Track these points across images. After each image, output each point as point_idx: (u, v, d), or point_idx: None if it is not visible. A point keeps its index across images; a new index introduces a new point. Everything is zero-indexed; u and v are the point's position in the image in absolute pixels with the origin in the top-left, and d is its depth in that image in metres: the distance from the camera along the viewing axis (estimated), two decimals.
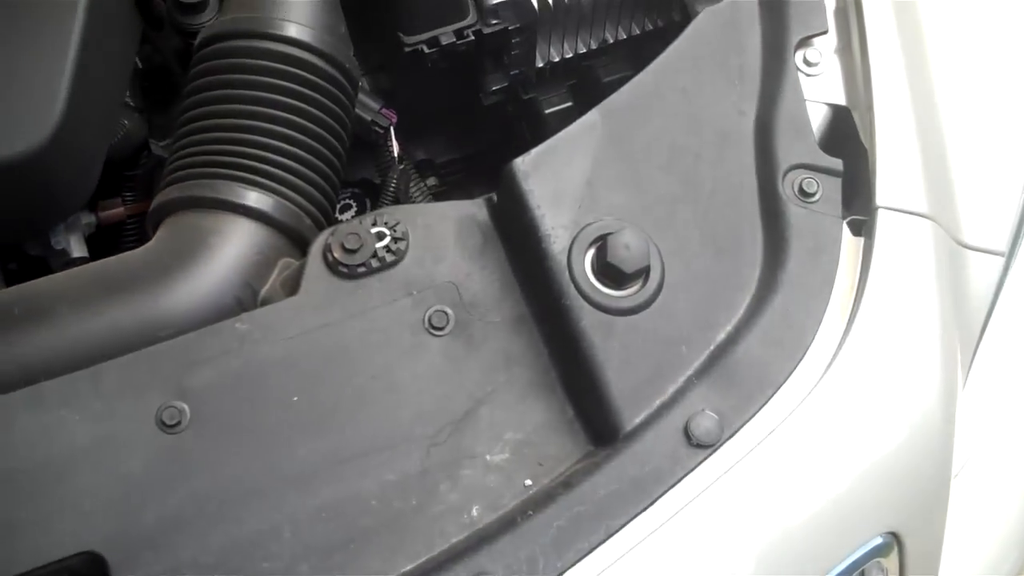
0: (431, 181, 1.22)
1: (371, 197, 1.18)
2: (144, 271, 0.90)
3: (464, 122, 1.26)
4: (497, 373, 0.85)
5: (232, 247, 0.91)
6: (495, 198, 0.90)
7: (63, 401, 0.82)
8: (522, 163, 0.88)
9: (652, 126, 0.92)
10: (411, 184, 1.14)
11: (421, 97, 1.18)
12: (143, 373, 0.83)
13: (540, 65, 1.13)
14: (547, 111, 1.17)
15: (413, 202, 1.13)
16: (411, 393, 0.84)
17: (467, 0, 1.08)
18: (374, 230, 0.88)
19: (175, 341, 0.84)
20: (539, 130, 1.18)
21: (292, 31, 0.97)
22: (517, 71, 1.15)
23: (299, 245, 0.95)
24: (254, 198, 0.92)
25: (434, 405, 0.84)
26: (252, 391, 0.83)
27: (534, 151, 0.89)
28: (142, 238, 1.15)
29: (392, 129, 1.12)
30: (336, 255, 0.87)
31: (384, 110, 1.11)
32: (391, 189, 1.12)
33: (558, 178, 0.88)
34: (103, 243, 1.09)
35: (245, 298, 0.89)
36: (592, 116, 0.91)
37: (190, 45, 1.05)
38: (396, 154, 1.13)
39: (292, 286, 0.89)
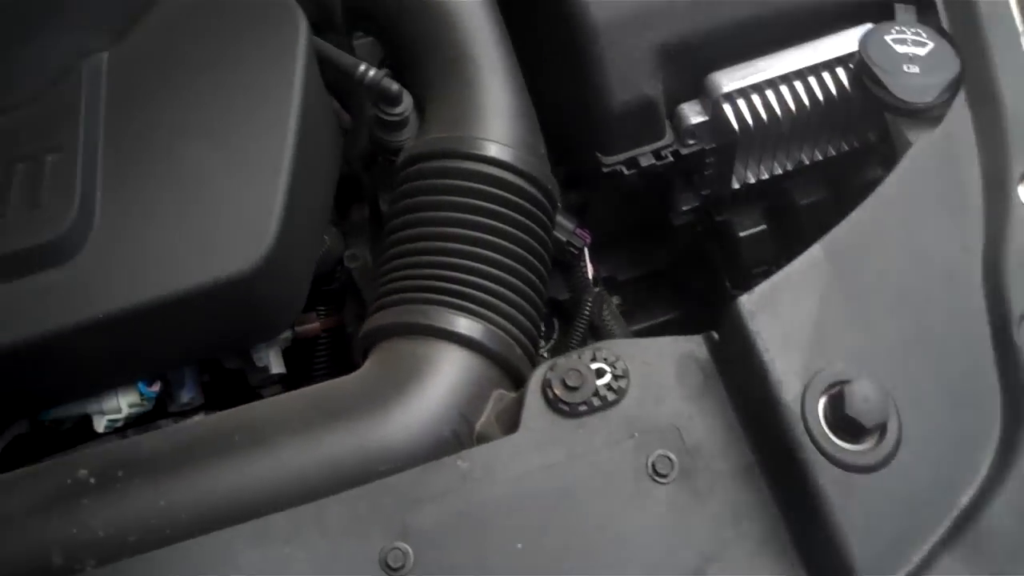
0: (615, 300, 1.21)
1: (559, 318, 1.17)
2: (361, 400, 0.89)
3: (650, 240, 1.25)
4: (725, 528, 0.83)
5: (448, 377, 0.90)
6: (716, 336, 0.88)
7: (288, 537, 0.81)
8: (747, 302, 0.86)
9: (877, 264, 0.90)
10: (604, 308, 1.13)
11: (610, 215, 1.18)
12: (367, 510, 0.82)
13: (736, 187, 1.11)
14: (741, 234, 1.15)
15: (606, 326, 1.11)
16: (638, 546, 0.81)
17: (664, 120, 1.07)
18: (594, 366, 0.86)
19: (397, 477, 0.83)
20: (731, 252, 1.17)
21: (494, 151, 0.97)
22: (709, 191, 1.14)
23: (510, 376, 0.94)
24: (467, 326, 0.92)
25: (662, 561, 0.81)
26: (475, 535, 0.82)
27: (758, 289, 0.87)
28: (333, 354, 1.17)
29: (586, 250, 1.11)
30: (557, 392, 0.85)
31: (579, 230, 1.11)
32: (586, 313, 1.10)
33: (785, 319, 0.86)
34: (295, 357, 1.09)
35: (462, 432, 0.88)
36: (815, 252, 0.89)
37: (385, 159, 1.05)
38: (591, 276, 1.12)
39: (509, 421, 0.88)
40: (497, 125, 0.99)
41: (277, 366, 1.02)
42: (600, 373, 0.86)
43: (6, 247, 0.88)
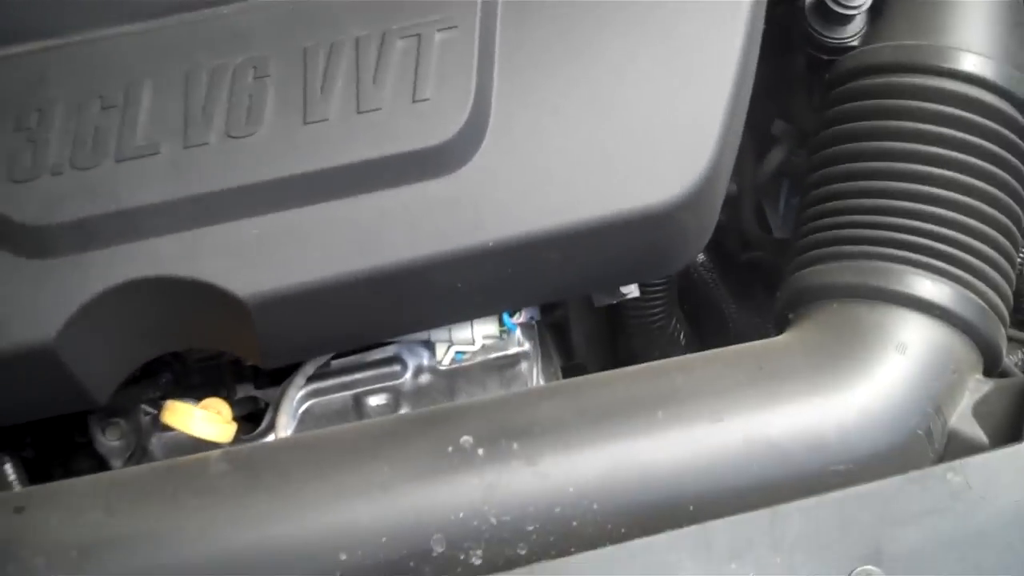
0: None
1: None
2: (810, 374, 0.75)
3: None
4: None
5: (917, 356, 0.75)
6: None
7: (735, 551, 0.69)
8: None
9: None
10: None
11: None
12: (831, 525, 0.69)
13: None
14: None
15: None
16: None
17: None
18: None
19: (869, 488, 0.70)
20: None
21: (976, 66, 0.80)
22: None
23: (988, 359, 0.79)
24: (949, 294, 0.77)
25: None
26: (968, 566, 0.69)
27: None
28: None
29: None
30: None
31: None
32: None
33: None
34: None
35: (935, 428, 0.74)
36: None
37: (820, 62, 0.88)
38: None
39: (995, 417, 0.73)
40: (979, 32, 0.82)
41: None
42: None
43: (380, 149, 0.74)
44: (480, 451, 0.73)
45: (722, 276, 1.16)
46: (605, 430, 0.73)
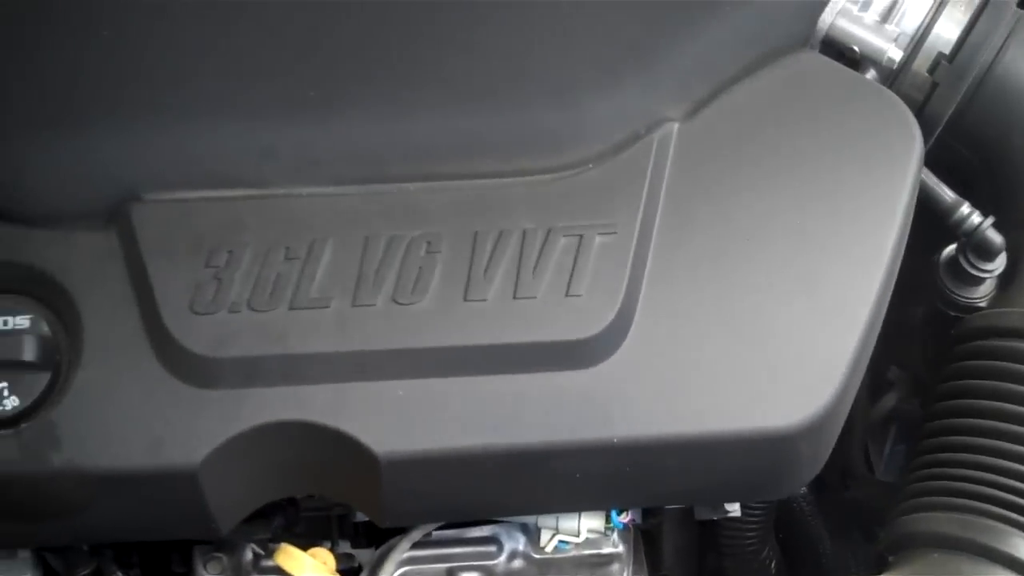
0: None
1: None
2: None
3: None
4: None
5: None
6: None
7: None
8: None
9: None
10: None
11: None
12: None
13: None
14: None
15: None
16: None
17: None
18: None
19: None
20: None
21: None
22: None
23: None
24: None
25: None
26: None
27: None
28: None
29: None
30: None
31: None
32: None
33: None
34: None
35: None
36: None
37: (945, 317, 0.92)
38: None
39: None
40: None
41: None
42: None
43: (529, 335, 0.79)
44: None
45: (820, 511, 1.17)
46: None
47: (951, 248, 0.94)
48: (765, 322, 0.81)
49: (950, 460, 0.84)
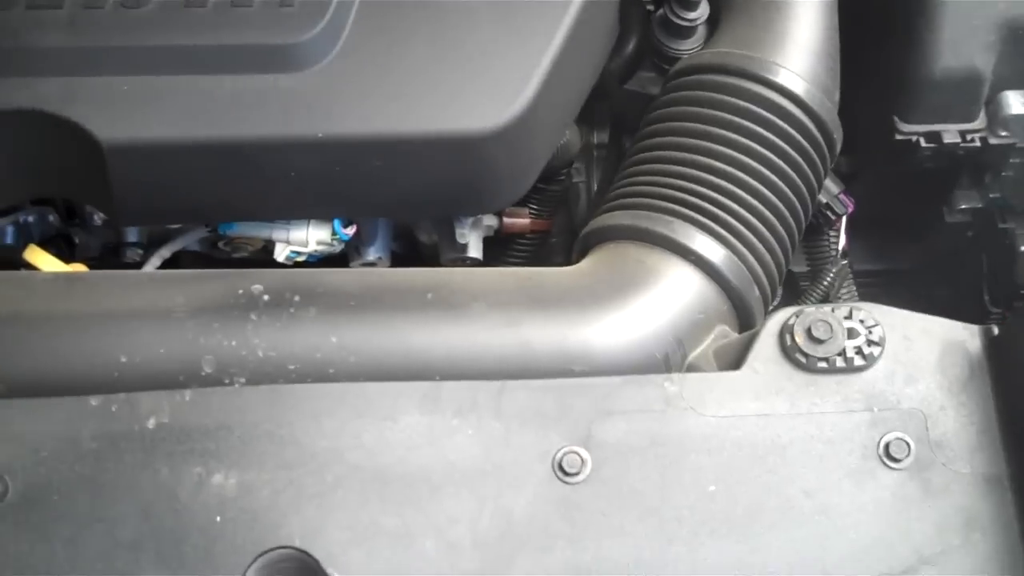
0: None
1: (785, 288, 1.10)
2: (573, 294, 0.85)
3: (906, 234, 1.17)
4: (951, 534, 0.76)
5: (673, 295, 0.86)
6: (996, 331, 0.80)
7: (460, 409, 0.77)
8: None
9: None
10: (844, 285, 1.06)
11: (877, 193, 1.11)
12: (553, 405, 0.78)
13: None
14: (1022, 248, 1.06)
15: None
16: (846, 525, 0.76)
17: (981, 103, 1.00)
18: (847, 324, 0.80)
19: (594, 381, 0.79)
20: (1004, 265, 1.09)
21: (787, 80, 0.92)
22: (1000, 194, 1.05)
23: (740, 314, 0.89)
24: (711, 248, 0.87)
25: (869, 547, 0.75)
26: (666, 463, 0.77)
27: None
28: (530, 260, 1.14)
29: (845, 218, 1.04)
30: (798, 340, 0.79)
31: (843, 195, 1.04)
32: (824, 284, 1.04)
33: None
34: (492, 251, 1.06)
35: (673, 357, 0.84)
36: None
37: (661, 69, 1.01)
38: (842, 247, 1.05)
39: (729, 359, 0.82)
40: (796, 56, 0.94)
41: (475, 249, 1.00)
42: (852, 333, 0.80)
43: (248, 38, 0.88)
44: (266, 297, 0.83)
45: None
46: (377, 299, 0.84)
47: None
48: (465, 41, 0.90)
49: (644, 170, 0.93)
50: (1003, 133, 1.01)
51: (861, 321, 0.80)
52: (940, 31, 0.98)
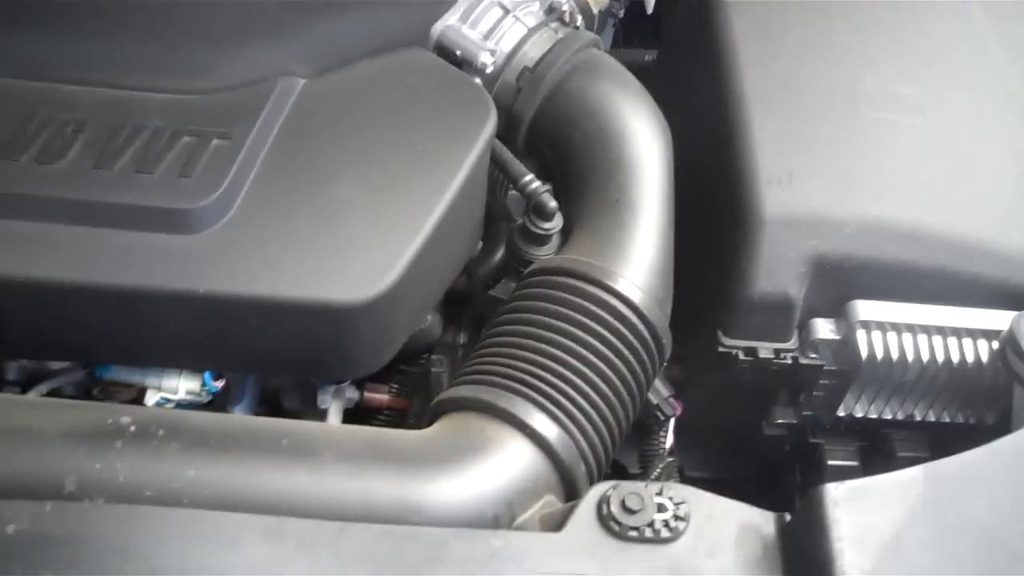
0: None
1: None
2: (417, 455, 0.94)
3: (730, 443, 1.29)
4: None
5: (507, 464, 0.95)
6: (787, 518, 0.90)
7: (302, 543, 0.84)
8: (835, 489, 0.88)
9: (974, 508, 0.92)
10: (670, 482, 1.16)
11: (703, 403, 1.22)
12: (388, 550, 0.85)
13: (840, 415, 1.16)
14: (830, 462, 1.19)
15: None
16: None
17: (793, 326, 1.14)
18: (657, 500, 0.89)
19: (429, 530, 0.86)
20: (813, 477, 1.20)
21: (625, 288, 1.05)
22: (812, 412, 1.18)
23: (566, 487, 0.98)
24: (546, 425, 0.97)
25: None
26: None
27: (847, 483, 0.90)
28: None
29: (672, 420, 1.16)
30: (612, 510, 0.88)
31: (672, 398, 1.16)
32: (651, 479, 1.14)
33: (866, 519, 0.88)
34: (351, 422, 1.14)
35: (502, 518, 0.92)
36: (915, 472, 0.92)
37: (516, 271, 1.14)
38: (668, 446, 1.16)
39: (552, 524, 0.90)
40: (636, 270, 1.08)
41: (335, 417, 1.07)
42: (661, 508, 0.89)
43: (145, 200, 0.98)
44: (132, 428, 0.90)
45: None
46: (237, 440, 0.92)
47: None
48: (343, 221, 1.02)
49: (493, 352, 1.03)
50: (812, 355, 1.15)
51: (670, 498, 0.90)
52: (759, 259, 1.13)
